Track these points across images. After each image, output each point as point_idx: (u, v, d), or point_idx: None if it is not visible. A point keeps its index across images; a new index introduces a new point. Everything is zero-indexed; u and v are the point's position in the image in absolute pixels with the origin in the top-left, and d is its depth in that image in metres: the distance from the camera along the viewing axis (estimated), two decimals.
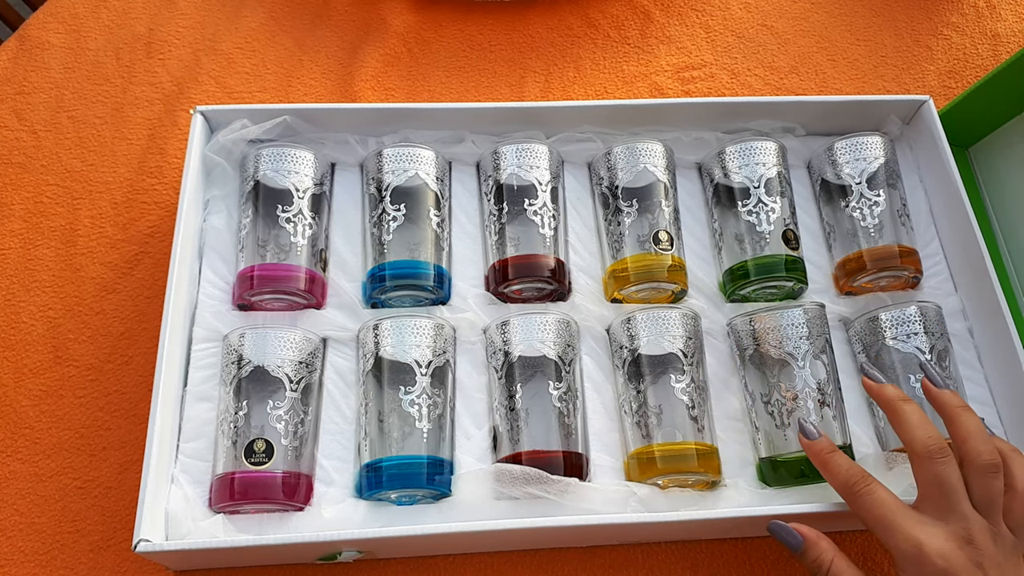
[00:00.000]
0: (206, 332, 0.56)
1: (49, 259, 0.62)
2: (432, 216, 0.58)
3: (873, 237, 0.59)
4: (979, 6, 0.79)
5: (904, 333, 0.55)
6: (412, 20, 0.76)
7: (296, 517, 0.51)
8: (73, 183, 0.65)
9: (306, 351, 0.53)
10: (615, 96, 0.73)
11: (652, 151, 0.60)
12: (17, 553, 0.52)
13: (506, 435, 0.53)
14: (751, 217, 0.59)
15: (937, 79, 0.75)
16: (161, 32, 0.73)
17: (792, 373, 0.54)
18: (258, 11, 0.75)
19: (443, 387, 0.53)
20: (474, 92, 0.73)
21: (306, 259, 0.56)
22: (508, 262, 0.57)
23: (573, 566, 0.54)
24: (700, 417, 0.53)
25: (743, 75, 0.75)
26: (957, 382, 0.56)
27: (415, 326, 0.53)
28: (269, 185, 0.57)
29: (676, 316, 0.55)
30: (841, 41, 0.77)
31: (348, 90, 0.71)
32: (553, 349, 0.54)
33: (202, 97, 0.70)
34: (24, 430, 0.56)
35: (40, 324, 0.60)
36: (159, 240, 0.63)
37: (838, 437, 0.53)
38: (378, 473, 0.50)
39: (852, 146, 0.61)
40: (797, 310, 0.55)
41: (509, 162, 0.59)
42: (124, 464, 0.55)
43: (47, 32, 0.72)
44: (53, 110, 0.69)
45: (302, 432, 0.52)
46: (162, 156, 0.67)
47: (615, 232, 0.59)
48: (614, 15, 0.78)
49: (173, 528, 0.49)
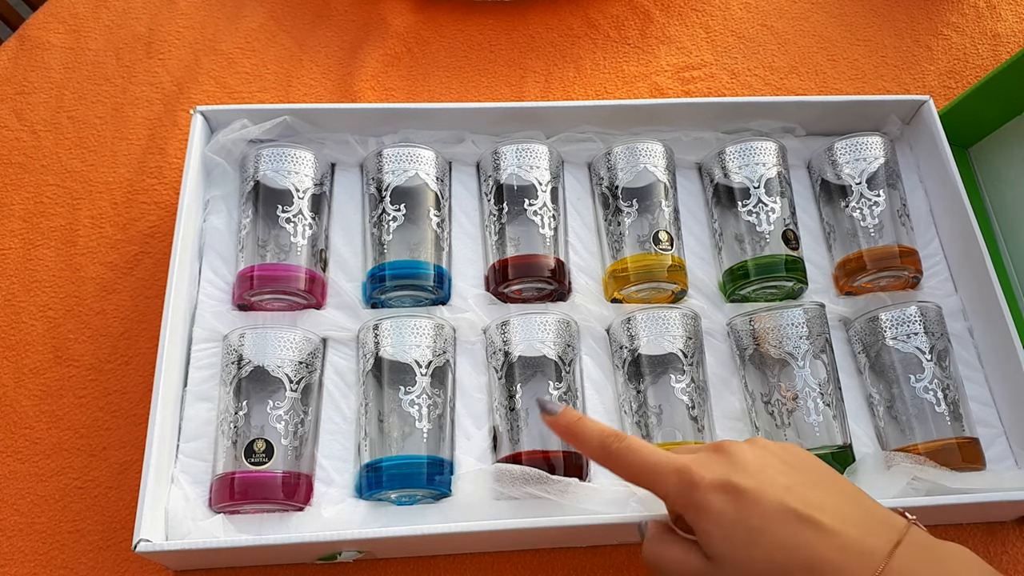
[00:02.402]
0: (206, 332, 0.56)
1: (49, 259, 0.62)
2: (432, 216, 0.58)
3: (873, 237, 0.59)
4: (979, 6, 0.79)
5: (904, 333, 0.55)
6: (412, 20, 0.76)
7: (296, 517, 0.51)
8: (73, 183, 0.65)
9: (306, 351, 0.53)
10: (615, 96, 0.73)
11: (652, 151, 0.60)
12: (17, 553, 0.52)
13: (506, 435, 0.53)
14: (751, 217, 0.59)
15: (937, 79, 0.75)
16: (161, 32, 0.73)
17: (792, 373, 0.54)
18: (258, 11, 0.75)
19: (443, 387, 0.53)
20: (474, 92, 0.73)
21: (306, 259, 0.56)
22: (508, 262, 0.57)
23: (573, 566, 0.54)
24: (700, 417, 0.53)
25: (743, 75, 0.75)
26: (957, 382, 0.56)
27: (415, 326, 0.53)
28: (269, 185, 0.57)
29: (676, 316, 0.55)
30: (841, 41, 0.77)
31: (348, 90, 0.71)
32: (553, 349, 0.54)
33: (202, 97, 0.70)
34: (24, 430, 0.56)
35: (40, 324, 0.60)
36: (159, 240, 0.63)
37: (838, 437, 0.53)
38: (378, 473, 0.50)
39: (852, 146, 0.61)
40: (797, 310, 0.55)
41: (509, 162, 0.59)
42: (124, 464, 0.55)
43: (47, 32, 0.72)
44: (53, 110, 0.69)
45: (302, 432, 0.52)
46: (162, 156, 0.67)
47: (615, 232, 0.59)
48: (614, 15, 0.77)
49: (173, 528, 0.49)
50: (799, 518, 0.38)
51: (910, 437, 0.54)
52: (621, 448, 0.42)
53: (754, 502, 0.38)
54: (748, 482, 0.39)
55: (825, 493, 0.39)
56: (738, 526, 0.38)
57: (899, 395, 0.55)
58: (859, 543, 0.37)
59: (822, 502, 0.38)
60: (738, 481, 0.39)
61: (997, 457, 0.56)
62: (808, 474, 0.40)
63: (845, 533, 0.37)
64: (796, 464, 0.41)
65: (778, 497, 0.38)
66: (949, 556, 0.38)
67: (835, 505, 0.38)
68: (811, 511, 0.38)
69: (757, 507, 0.38)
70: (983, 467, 0.54)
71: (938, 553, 0.38)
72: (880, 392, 0.56)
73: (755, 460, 0.40)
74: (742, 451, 0.40)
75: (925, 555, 0.37)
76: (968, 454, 0.53)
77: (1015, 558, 0.55)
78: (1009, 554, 0.55)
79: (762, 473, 0.39)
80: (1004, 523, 0.56)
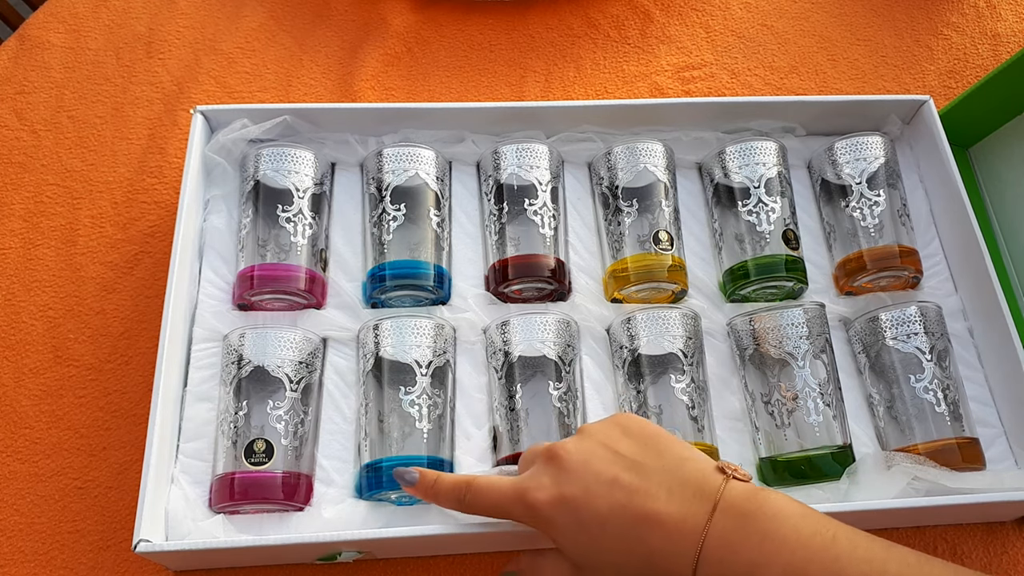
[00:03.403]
0: (206, 332, 0.56)
1: (49, 259, 0.62)
2: (432, 216, 0.58)
3: (873, 237, 0.59)
4: (979, 6, 0.79)
5: (904, 333, 0.55)
6: (412, 20, 0.76)
7: (296, 517, 0.51)
8: (73, 183, 0.65)
9: (306, 351, 0.53)
10: (615, 96, 0.73)
11: (652, 151, 0.60)
12: (17, 553, 0.52)
13: (506, 435, 0.53)
14: (751, 217, 0.59)
15: (937, 79, 0.75)
16: (161, 32, 0.73)
17: (792, 373, 0.54)
18: (258, 11, 0.75)
19: (443, 387, 0.53)
20: (474, 92, 0.73)
21: (306, 259, 0.56)
22: (508, 262, 0.57)
23: None
24: (700, 417, 0.53)
25: (743, 75, 0.75)
26: (957, 382, 0.56)
27: (415, 326, 0.53)
28: (269, 185, 0.57)
29: (676, 316, 0.55)
30: (841, 41, 0.77)
31: (348, 90, 0.71)
32: (553, 349, 0.54)
33: (202, 97, 0.70)
34: (24, 430, 0.56)
35: (40, 324, 0.60)
36: (159, 240, 0.63)
37: (838, 437, 0.53)
38: (378, 473, 0.50)
39: (852, 146, 0.61)
40: (797, 310, 0.55)
41: (509, 162, 0.59)
42: (124, 464, 0.55)
43: (47, 32, 0.72)
44: (53, 110, 0.69)
45: (302, 432, 0.52)
46: (162, 156, 0.67)
47: (615, 232, 0.59)
48: (614, 15, 0.77)
49: (173, 528, 0.49)
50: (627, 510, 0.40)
51: (910, 437, 0.54)
52: (470, 496, 0.44)
53: (585, 506, 0.41)
54: (575, 489, 0.41)
55: (650, 473, 0.41)
56: (580, 533, 0.41)
57: (899, 395, 0.55)
58: (679, 525, 0.39)
59: (647, 484, 0.40)
60: (567, 491, 0.41)
61: (997, 457, 0.56)
62: (635, 452, 0.42)
63: (666, 518, 0.39)
64: (619, 444, 0.42)
65: (605, 494, 0.40)
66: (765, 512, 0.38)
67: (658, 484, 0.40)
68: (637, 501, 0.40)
69: (588, 510, 0.40)
70: (983, 467, 0.54)
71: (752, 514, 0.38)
72: (880, 392, 0.56)
73: (579, 459, 0.42)
74: (568, 454, 0.42)
75: (738, 524, 0.38)
76: (968, 454, 0.53)
77: (1015, 558, 0.55)
78: (1009, 554, 0.55)
79: (587, 472, 0.41)
80: (1004, 523, 0.56)
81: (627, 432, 0.43)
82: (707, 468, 0.41)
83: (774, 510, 0.38)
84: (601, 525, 0.40)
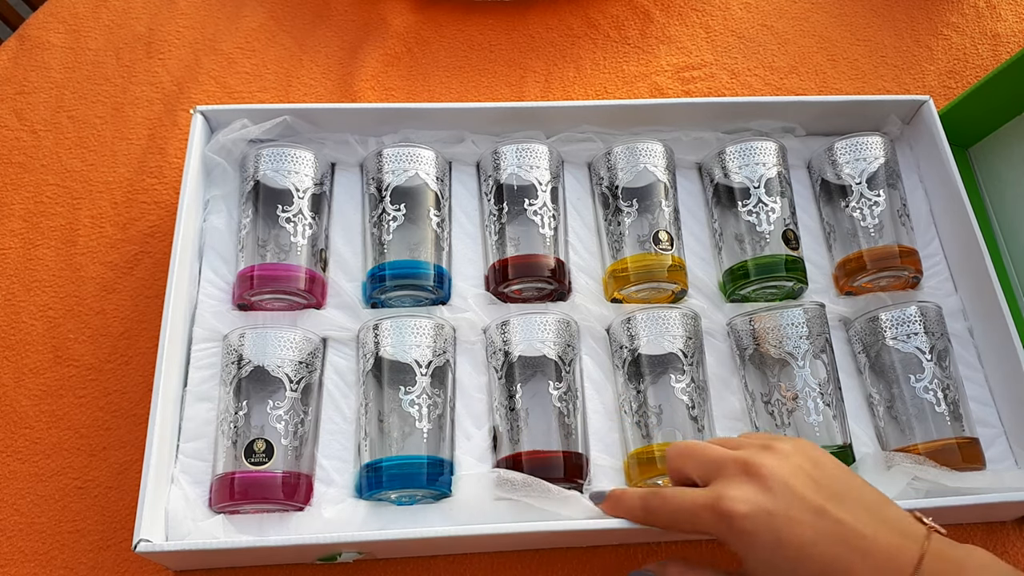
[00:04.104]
0: (206, 332, 0.56)
1: (49, 259, 0.62)
2: (432, 216, 0.58)
3: (873, 237, 0.59)
4: (979, 6, 0.79)
5: (904, 333, 0.55)
6: (412, 20, 0.76)
7: (296, 517, 0.51)
8: (73, 183, 0.65)
9: (306, 351, 0.53)
10: (615, 96, 0.73)
11: (652, 151, 0.60)
12: (17, 553, 0.52)
13: (506, 435, 0.53)
14: (751, 217, 0.59)
15: (937, 79, 0.75)
16: (161, 32, 0.73)
17: (792, 373, 0.54)
18: (258, 11, 0.75)
19: (443, 387, 0.53)
20: (474, 92, 0.73)
21: (306, 259, 0.56)
22: (508, 262, 0.57)
23: (573, 566, 0.54)
24: (700, 417, 0.53)
25: (743, 75, 0.75)
26: (957, 382, 0.56)
27: (415, 326, 0.53)
28: (269, 185, 0.57)
29: (676, 316, 0.55)
30: (841, 41, 0.77)
31: (348, 90, 0.71)
32: (553, 349, 0.54)
33: (202, 97, 0.70)
34: (24, 430, 0.56)
35: (40, 324, 0.60)
36: (159, 240, 0.63)
37: (838, 437, 0.53)
38: (378, 473, 0.50)
39: (852, 146, 0.61)
40: (797, 310, 0.55)
41: (509, 162, 0.59)
42: (124, 464, 0.55)
43: (47, 32, 0.72)
44: (53, 110, 0.69)
45: (302, 432, 0.52)
46: (162, 156, 0.67)
47: (615, 232, 0.59)
48: (614, 15, 0.77)
49: (173, 528, 0.49)
50: (834, 539, 0.39)
51: (910, 437, 0.54)
52: (657, 500, 0.44)
53: (786, 527, 0.40)
54: (779, 507, 0.40)
55: (853, 508, 0.41)
56: (777, 552, 0.40)
57: (899, 395, 0.55)
58: (889, 561, 0.39)
59: (853, 518, 0.40)
60: (770, 508, 0.40)
61: (997, 457, 0.56)
62: (833, 484, 0.42)
63: (876, 552, 0.39)
64: (821, 475, 0.42)
65: (811, 521, 0.40)
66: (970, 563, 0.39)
67: (864, 520, 0.40)
68: (845, 532, 0.39)
69: (789, 532, 0.40)
70: (983, 467, 0.54)
71: (961, 562, 0.39)
72: (880, 392, 0.56)
73: (782, 480, 0.41)
74: (770, 471, 0.42)
75: (948, 568, 0.39)
76: (968, 454, 0.53)
77: (1015, 558, 0.55)
78: (1009, 554, 0.55)
79: (792, 495, 0.41)
80: (1004, 523, 0.56)
81: (818, 464, 0.43)
82: (906, 514, 0.41)
83: (980, 563, 0.39)
84: (801, 548, 0.39)
